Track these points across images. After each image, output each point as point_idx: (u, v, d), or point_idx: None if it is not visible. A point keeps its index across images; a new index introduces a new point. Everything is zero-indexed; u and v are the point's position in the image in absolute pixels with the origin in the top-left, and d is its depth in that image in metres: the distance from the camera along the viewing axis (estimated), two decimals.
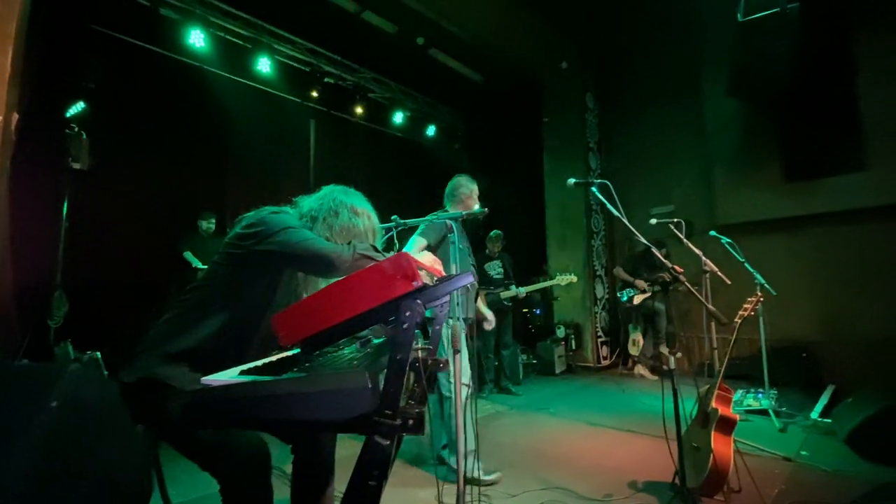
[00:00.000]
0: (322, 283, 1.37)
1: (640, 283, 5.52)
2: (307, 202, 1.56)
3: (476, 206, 2.91)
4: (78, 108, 4.27)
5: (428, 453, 2.89)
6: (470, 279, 1.10)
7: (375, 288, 0.95)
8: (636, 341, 5.74)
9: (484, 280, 5.14)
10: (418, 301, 0.97)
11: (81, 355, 3.57)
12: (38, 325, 3.79)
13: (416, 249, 2.70)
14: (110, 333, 3.86)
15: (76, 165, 3.90)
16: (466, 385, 2.76)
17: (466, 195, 3.05)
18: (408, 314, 0.95)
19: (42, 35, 3.65)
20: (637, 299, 5.56)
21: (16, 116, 2.69)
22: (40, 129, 3.79)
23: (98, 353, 3.64)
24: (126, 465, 0.88)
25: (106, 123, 4.34)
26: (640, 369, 5.75)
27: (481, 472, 2.62)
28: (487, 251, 5.37)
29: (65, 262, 3.97)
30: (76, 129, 3.93)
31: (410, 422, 0.95)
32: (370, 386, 0.89)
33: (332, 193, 1.57)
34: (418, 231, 2.77)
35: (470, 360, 2.72)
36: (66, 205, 3.99)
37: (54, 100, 4.13)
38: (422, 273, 1.05)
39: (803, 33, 4.30)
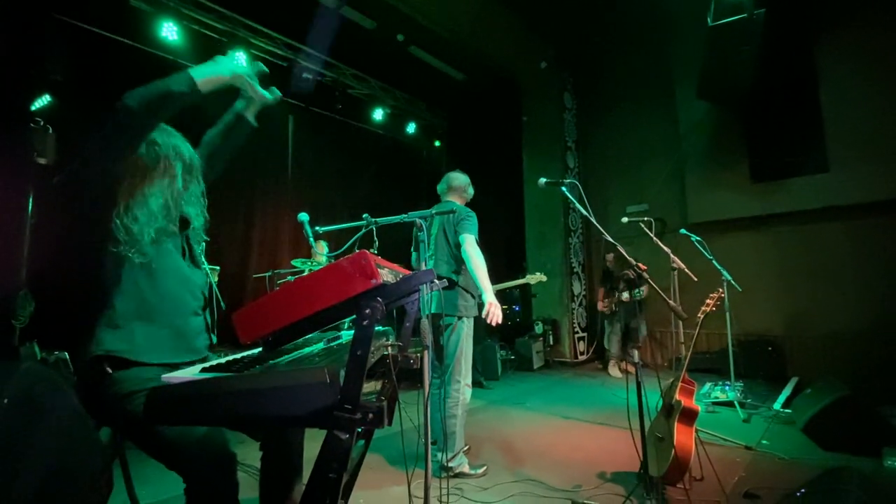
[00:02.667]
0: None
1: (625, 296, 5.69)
2: None
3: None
4: (44, 101, 4.14)
5: (412, 451, 2.91)
6: (431, 276, 1.12)
7: (335, 285, 0.97)
8: (615, 341, 5.89)
9: None
10: (378, 298, 0.99)
11: (49, 355, 3.48)
12: (2, 324, 3.67)
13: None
14: (79, 333, 3.78)
15: (42, 160, 3.79)
16: (468, 386, 2.80)
17: (470, 196, 3.09)
18: (367, 311, 0.97)
19: (5, 25, 3.53)
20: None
21: None
22: (4, 122, 3.68)
23: (66, 354, 3.55)
24: (82, 465, 0.89)
25: (73, 117, 4.21)
26: (612, 367, 5.90)
27: (469, 467, 2.70)
28: None
29: (30, 260, 3.86)
30: (42, 123, 3.82)
31: (370, 415, 0.98)
32: (328, 381, 0.92)
33: None
34: (473, 227, 2.76)
35: (456, 358, 2.74)
36: (31, 201, 3.87)
37: (18, 92, 4.00)
38: (383, 271, 1.08)
39: (769, 39, 4.46)
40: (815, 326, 5.23)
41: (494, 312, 2.55)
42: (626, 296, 5.56)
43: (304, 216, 2.06)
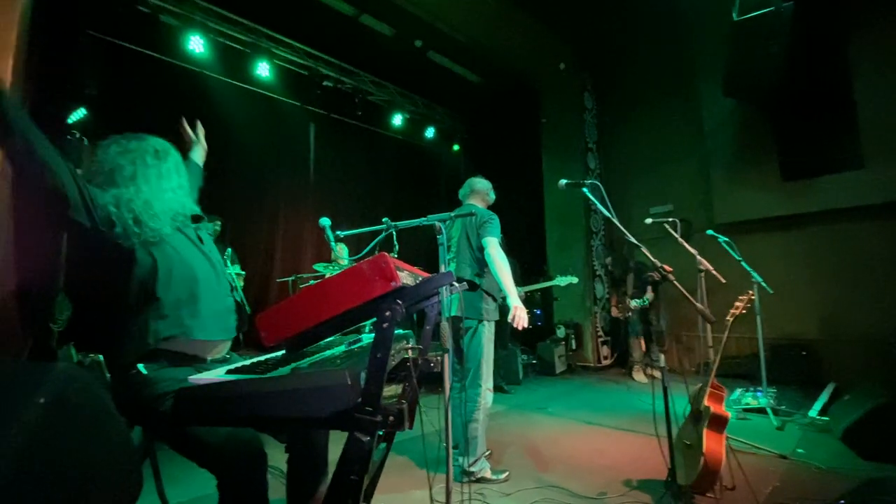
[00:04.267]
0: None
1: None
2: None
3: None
4: (79, 114, 4.33)
5: (434, 455, 2.91)
6: (450, 279, 1.12)
7: (355, 288, 0.98)
8: (637, 345, 5.76)
9: None
10: (397, 301, 1.00)
11: (84, 358, 3.62)
12: (41, 328, 3.84)
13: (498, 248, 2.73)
14: (110, 342, 3.91)
15: (78, 171, 3.94)
16: (490, 390, 2.79)
17: (492, 200, 3.09)
18: (387, 314, 0.98)
19: (43, 43, 3.71)
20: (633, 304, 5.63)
21: None
22: (44, 135, 3.85)
23: (101, 356, 3.69)
24: (113, 464, 0.92)
25: (107, 129, 4.38)
26: (636, 373, 5.78)
27: (490, 472, 2.68)
28: None
29: (67, 266, 4.02)
30: (77, 135, 3.98)
31: (391, 418, 0.98)
32: (349, 383, 0.92)
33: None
34: (495, 230, 2.77)
35: (478, 362, 2.72)
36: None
37: (56, 106, 4.19)
38: (403, 274, 1.08)
39: (798, 32, 4.31)
40: (851, 330, 5.00)
41: (520, 316, 2.52)
42: (634, 303, 5.49)
43: (325, 221, 2.08)
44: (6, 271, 3.32)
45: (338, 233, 2.18)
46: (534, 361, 6.26)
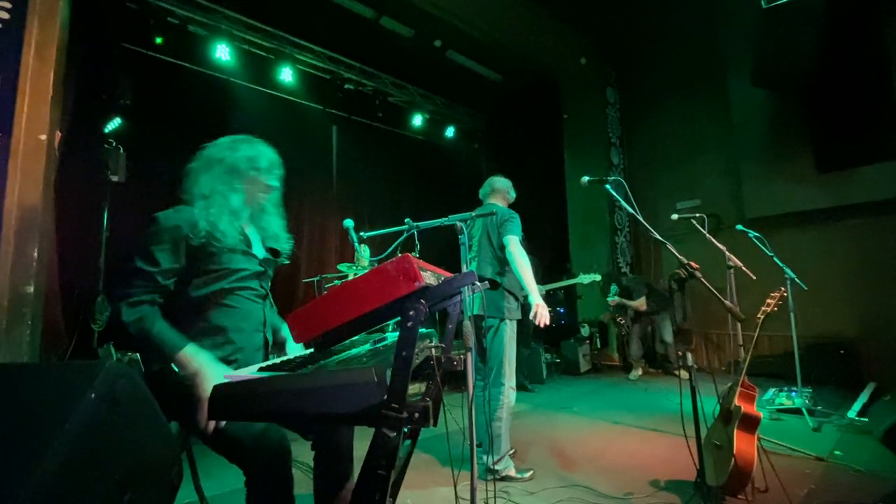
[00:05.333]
0: None
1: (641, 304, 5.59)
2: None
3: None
4: (115, 123, 4.53)
5: (458, 452, 2.93)
6: (472, 278, 1.14)
7: (380, 289, 1.00)
8: (635, 344, 5.77)
9: None
10: (421, 301, 1.02)
11: (122, 356, 3.80)
12: (83, 328, 4.04)
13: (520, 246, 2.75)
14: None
15: (114, 178, 4.14)
16: (513, 389, 2.79)
17: (513, 199, 3.09)
18: (411, 313, 1.00)
19: (80, 55, 3.89)
20: (613, 302, 5.76)
21: (59, 134, 2.90)
22: (81, 145, 4.05)
23: (137, 355, 3.86)
24: (156, 456, 0.97)
25: (141, 137, 4.58)
26: (633, 371, 5.74)
27: (515, 471, 2.68)
28: None
29: (106, 269, 4.22)
30: (114, 144, 4.17)
31: (416, 415, 1.00)
32: (376, 380, 0.95)
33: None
34: (516, 228, 2.78)
35: (500, 360, 2.72)
36: (105, 215, 4.24)
37: (93, 117, 4.40)
38: (426, 274, 1.10)
39: (831, 17, 4.14)
40: (893, 327, 4.77)
41: (542, 314, 2.52)
42: (610, 300, 5.71)
43: (349, 222, 2.13)
44: (51, 275, 3.50)
45: (361, 234, 2.22)
46: (558, 360, 6.21)
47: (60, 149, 2.98)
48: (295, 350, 1.67)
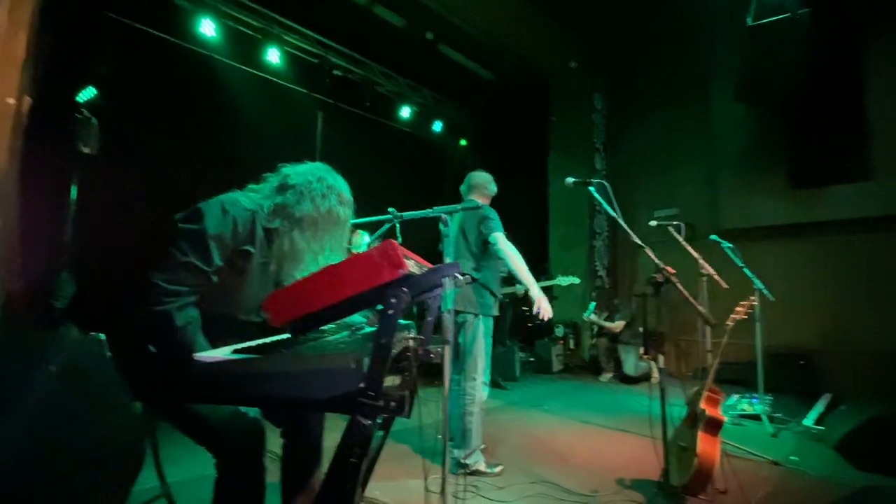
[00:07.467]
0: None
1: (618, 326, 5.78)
2: (294, 173, 1.55)
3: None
4: (89, 93, 4.33)
5: (430, 446, 2.93)
6: (456, 269, 1.13)
7: (362, 274, 0.99)
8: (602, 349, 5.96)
9: None
10: (403, 289, 1.00)
11: (86, 335, 3.65)
12: (45, 305, 3.86)
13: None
14: (117, 317, 3.93)
15: (85, 150, 3.95)
16: (486, 384, 2.80)
17: (493, 193, 3.07)
18: (393, 301, 0.99)
19: (55, 20, 3.70)
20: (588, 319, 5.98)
21: (27, 100, 2.76)
22: (51, 112, 3.86)
23: (102, 335, 3.71)
24: (119, 435, 0.93)
25: (116, 109, 4.39)
26: (602, 374, 5.90)
27: (485, 466, 2.70)
28: None
29: (73, 245, 4.04)
30: (86, 114, 3.98)
31: (392, 404, 0.99)
32: (354, 367, 0.93)
33: (320, 172, 1.55)
34: (498, 224, 2.77)
35: (472, 356, 2.73)
36: (74, 188, 4.05)
37: (66, 84, 4.19)
38: (409, 262, 1.09)
39: (813, 40, 4.28)
40: (851, 342, 4.99)
41: (545, 307, 2.52)
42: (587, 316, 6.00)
43: None
44: (11, 248, 3.34)
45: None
46: (531, 359, 6.28)
47: (29, 116, 2.84)
48: None
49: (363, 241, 5.03)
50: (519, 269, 2.62)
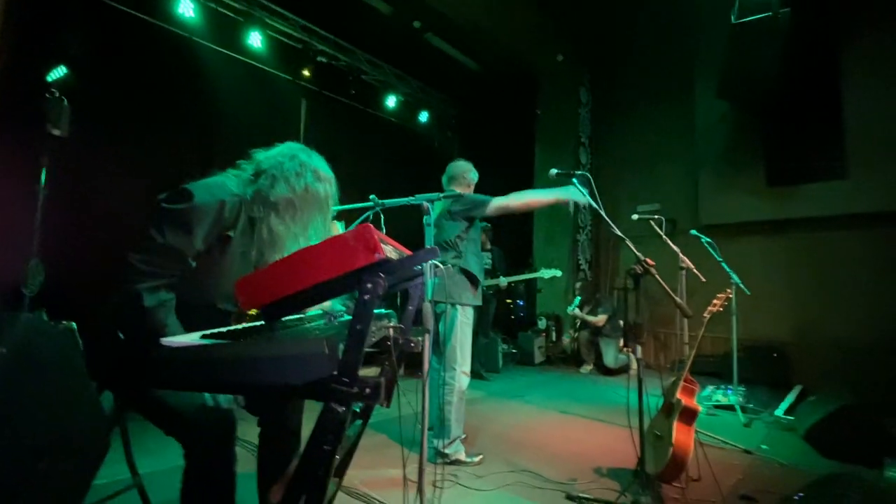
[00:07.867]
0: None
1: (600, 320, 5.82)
2: (265, 158, 1.50)
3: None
4: (60, 72, 4.15)
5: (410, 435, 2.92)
6: (434, 254, 1.11)
7: (337, 258, 0.96)
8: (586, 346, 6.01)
9: None
10: (380, 274, 0.98)
11: (57, 325, 3.53)
12: (13, 293, 3.72)
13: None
14: (88, 305, 3.81)
15: (55, 132, 3.79)
16: (466, 374, 2.80)
17: (473, 181, 3.06)
18: (368, 286, 0.97)
19: None
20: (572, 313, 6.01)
21: None
22: (19, 92, 3.70)
23: (73, 324, 3.60)
24: (80, 424, 0.89)
25: (89, 90, 4.23)
26: (583, 366, 6.00)
27: (464, 455, 2.72)
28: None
29: (42, 230, 3.89)
30: (57, 94, 3.82)
31: (367, 390, 0.97)
32: (327, 353, 0.91)
33: (292, 151, 1.51)
34: (486, 197, 2.79)
35: (451, 345, 2.72)
36: (44, 171, 3.90)
37: (35, 63, 4.02)
38: (387, 248, 1.07)
39: (793, 39, 4.35)
40: (823, 335, 5.15)
41: (576, 197, 2.48)
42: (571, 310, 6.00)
43: None
44: None
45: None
46: (514, 351, 6.33)
47: None
48: None
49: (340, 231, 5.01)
50: (528, 198, 2.63)
